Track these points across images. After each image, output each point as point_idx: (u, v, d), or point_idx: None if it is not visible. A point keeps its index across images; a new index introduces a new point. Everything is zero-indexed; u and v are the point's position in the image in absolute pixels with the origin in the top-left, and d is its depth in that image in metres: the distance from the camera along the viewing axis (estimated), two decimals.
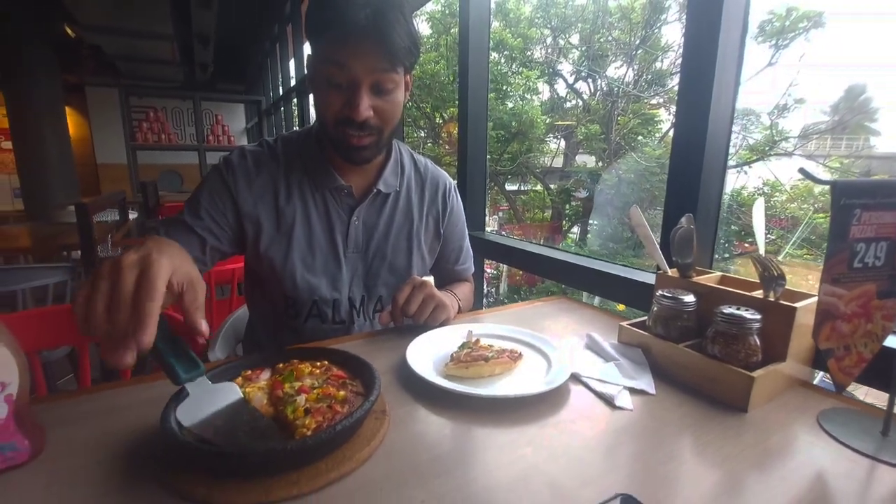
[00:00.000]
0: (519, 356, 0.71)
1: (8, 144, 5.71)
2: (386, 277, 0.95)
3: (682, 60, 0.94)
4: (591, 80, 6.14)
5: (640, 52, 5.51)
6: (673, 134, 0.96)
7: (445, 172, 1.07)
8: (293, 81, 4.98)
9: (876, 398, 0.69)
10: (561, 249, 1.43)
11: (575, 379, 0.69)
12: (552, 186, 6.51)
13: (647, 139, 5.55)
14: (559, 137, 6.60)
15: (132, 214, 3.75)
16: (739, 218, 4.06)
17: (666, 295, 0.74)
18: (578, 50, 6.18)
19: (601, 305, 1.31)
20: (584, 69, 6.02)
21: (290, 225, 0.89)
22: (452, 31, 6.11)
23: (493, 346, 0.74)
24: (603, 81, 6.02)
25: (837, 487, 0.48)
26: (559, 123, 6.41)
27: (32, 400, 0.58)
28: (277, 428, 0.50)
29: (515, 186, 6.93)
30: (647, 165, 4.88)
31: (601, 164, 5.83)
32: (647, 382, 0.67)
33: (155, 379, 0.68)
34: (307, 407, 0.51)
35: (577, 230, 6.32)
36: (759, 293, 0.70)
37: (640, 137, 5.58)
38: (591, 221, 5.77)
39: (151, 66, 5.92)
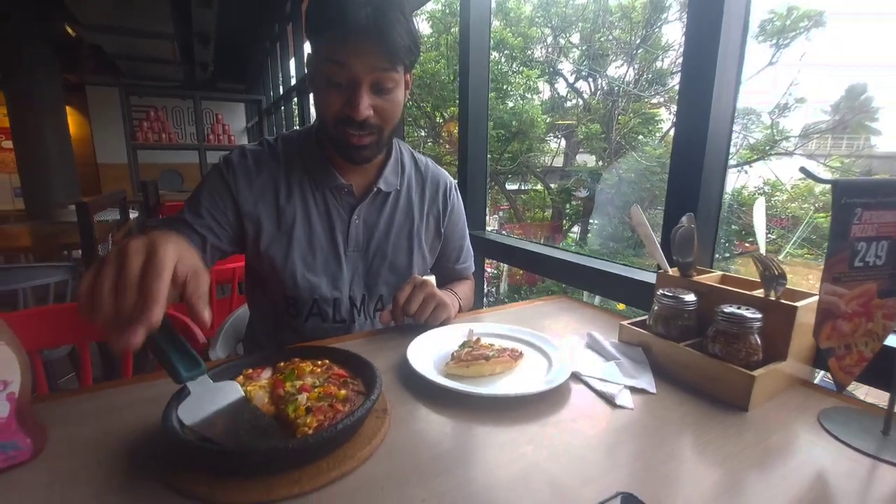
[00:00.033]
0: (520, 355, 0.72)
1: (8, 144, 5.72)
2: (386, 276, 0.95)
3: (682, 59, 0.94)
4: (591, 79, 6.14)
5: (640, 51, 5.50)
6: (674, 133, 0.96)
7: (446, 171, 1.07)
8: (293, 81, 4.98)
9: (876, 398, 0.69)
10: (561, 249, 1.43)
11: (576, 378, 0.69)
12: (552, 186, 6.51)
13: (647, 138, 5.54)
14: (559, 137, 6.59)
15: (133, 214, 3.75)
16: (740, 217, 4.06)
17: (667, 294, 0.74)
18: (579, 49, 6.17)
19: (602, 305, 1.31)
20: (584, 68, 6.01)
21: (290, 224, 0.89)
22: (453, 30, 6.11)
23: (493, 345, 0.74)
24: (603, 81, 6.01)
25: (838, 486, 0.48)
26: (560, 123, 6.40)
27: (34, 399, 0.58)
28: (279, 426, 0.50)
29: (516, 186, 6.92)
30: (647, 165, 4.87)
31: (601, 163, 5.82)
32: (647, 381, 0.68)
33: (156, 378, 0.68)
34: (308, 406, 0.51)
35: (577, 229, 6.31)
36: (759, 292, 0.70)
37: (640, 137, 5.58)
38: (591, 221, 5.76)
39: (152, 65, 5.93)
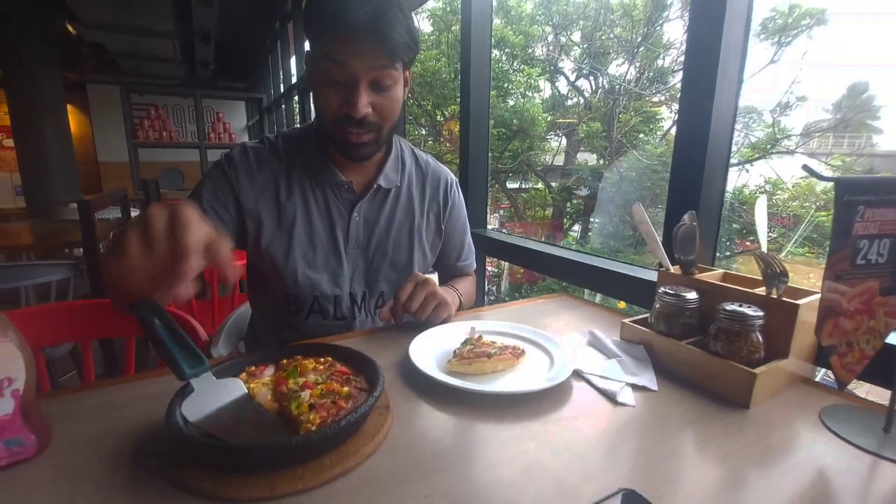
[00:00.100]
0: (521, 353, 0.72)
1: (9, 142, 5.72)
2: (387, 273, 0.96)
3: (684, 57, 0.94)
4: (592, 77, 6.13)
5: (641, 49, 5.49)
6: (675, 131, 0.96)
7: (447, 168, 1.07)
8: (294, 79, 4.97)
9: (877, 397, 0.69)
10: (562, 247, 1.43)
11: (577, 375, 0.70)
12: (553, 184, 6.50)
13: (648, 137, 5.53)
14: (560, 135, 6.58)
15: (134, 212, 3.75)
16: (741, 216, 4.06)
17: (668, 292, 0.74)
18: (580, 47, 6.16)
19: (603, 303, 1.31)
20: (585, 67, 6.00)
21: (290, 221, 0.89)
22: (454, 28, 6.09)
23: (495, 342, 0.74)
24: (604, 79, 6.00)
25: (839, 484, 0.48)
26: (560, 121, 6.39)
27: (37, 395, 0.58)
28: (282, 423, 0.51)
29: (517, 184, 6.91)
30: (648, 163, 4.87)
31: (602, 162, 5.82)
32: (649, 379, 0.68)
33: (158, 375, 0.69)
34: (311, 402, 0.51)
35: (578, 228, 6.30)
36: (761, 290, 0.70)
37: (641, 135, 5.57)
38: (592, 219, 5.76)
39: (153, 63, 5.92)
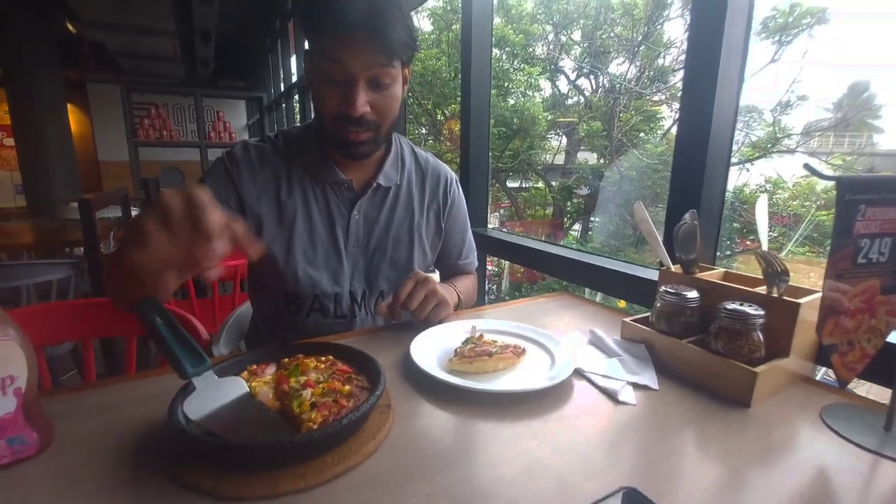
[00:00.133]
0: (522, 352, 0.72)
1: (10, 141, 5.72)
2: (387, 272, 0.96)
3: (685, 56, 0.94)
4: (592, 76, 6.11)
5: (642, 48, 5.48)
6: (677, 130, 0.96)
7: (447, 166, 1.07)
8: (294, 78, 4.97)
9: (876, 396, 0.69)
10: (563, 246, 1.43)
11: (578, 374, 0.70)
12: (554, 183, 6.49)
13: (648, 136, 5.53)
14: (561, 134, 6.57)
15: (134, 211, 3.75)
16: (741, 215, 4.05)
17: (669, 291, 0.74)
18: (580, 46, 6.15)
19: (604, 302, 1.31)
20: (586, 66, 5.99)
21: (291, 219, 0.89)
22: (454, 27, 6.08)
23: (496, 341, 0.74)
24: (605, 78, 5.99)
25: (840, 482, 0.48)
26: (561, 120, 6.38)
27: (39, 394, 0.58)
28: (283, 422, 0.51)
29: (517, 183, 6.91)
30: (648, 162, 4.86)
31: (603, 161, 5.81)
32: (649, 378, 0.68)
33: (159, 373, 0.69)
34: (313, 401, 0.51)
35: (578, 227, 6.30)
36: (762, 289, 0.70)
37: (641, 134, 5.56)
38: (592, 218, 5.76)
39: (153, 62, 5.91)
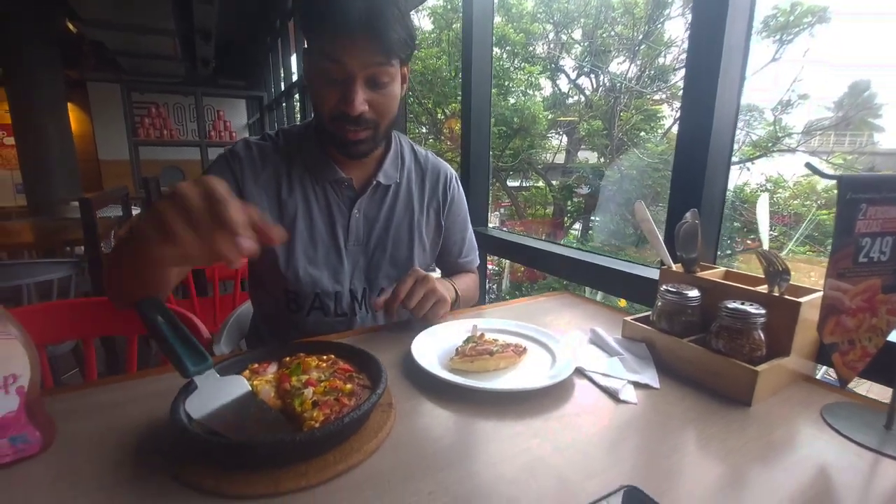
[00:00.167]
0: (523, 350, 0.72)
1: (10, 140, 5.72)
2: (387, 270, 0.96)
3: (686, 55, 0.94)
4: (593, 75, 6.11)
5: (642, 47, 5.47)
6: (678, 129, 0.96)
7: (446, 163, 1.07)
8: (295, 77, 4.96)
9: (877, 396, 0.69)
10: (563, 245, 1.43)
11: (579, 373, 0.70)
12: (554, 183, 6.49)
13: (649, 135, 5.52)
14: (561, 133, 6.57)
15: (135, 210, 3.75)
16: (742, 214, 4.05)
17: (670, 290, 0.74)
18: (581, 45, 6.14)
19: (604, 301, 1.31)
20: (586, 65, 5.99)
21: (292, 218, 0.89)
22: (454, 26, 6.08)
23: (497, 340, 0.74)
24: (605, 77, 5.99)
25: (841, 480, 0.48)
26: (561, 119, 6.38)
27: (41, 393, 0.58)
28: (285, 420, 0.51)
29: (517, 183, 6.90)
30: (649, 161, 4.86)
31: (603, 160, 5.81)
32: (650, 377, 0.68)
33: (161, 372, 0.69)
34: (315, 400, 0.51)
35: (578, 226, 6.30)
36: (763, 288, 0.70)
37: (642, 133, 5.56)
38: (592, 218, 5.75)
39: (153, 61, 5.91)
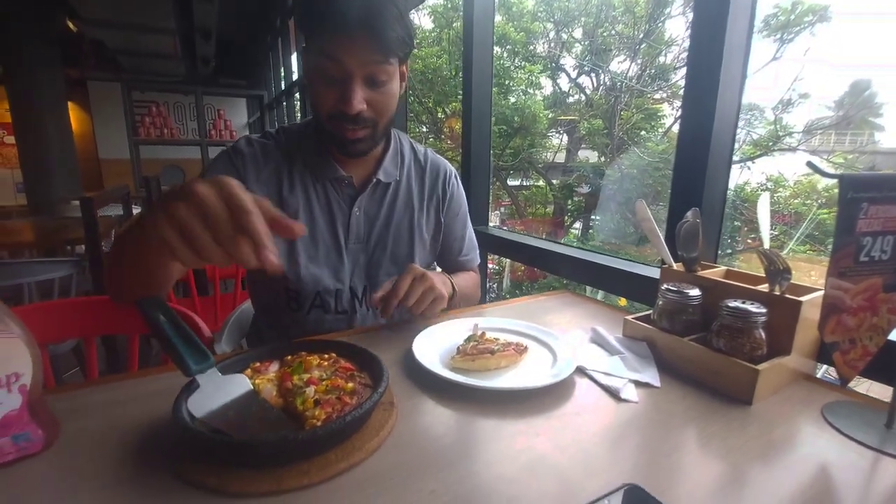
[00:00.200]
0: (524, 349, 0.72)
1: (11, 139, 5.72)
2: (388, 267, 0.96)
3: (688, 54, 0.94)
4: (594, 74, 6.10)
5: (643, 46, 5.47)
6: (679, 128, 0.96)
7: (445, 160, 1.06)
8: (295, 76, 4.96)
9: (877, 394, 0.69)
10: (564, 244, 1.43)
11: (580, 372, 0.70)
12: (554, 182, 6.48)
13: (650, 134, 5.52)
14: (562, 132, 6.56)
15: (136, 209, 3.76)
16: (742, 213, 4.05)
17: (671, 289, 0.74)
18: (581, 44, 6.13)
19: (605, 300, 1.31)
20: (587, 63, 5.98)
21: (293, 216, 0.89)
22: (455, 24, 6.07)
23: (498, 339, 0.74)
24: (606, 76, 5.98)
25: (841, 479, 0.48)
26: (562, 118, 6.37)
27: (43, 391, 0.59)
28: (287, 419, 0.51)
29: (518, 182, 6.90)
30: (650, 160, 4.86)
31: (604, 159, 5.80)
32: (651, 375, 0.68)
33: (161, 371, 0.69)
34: (317, 398, 0.51)
35: (579, 225, 6.30)
36: (764, 287, 0.70)
37: (643, 132, 5.55)
38: (593, 217, 5.75)
39: (153, 60, 5.90)
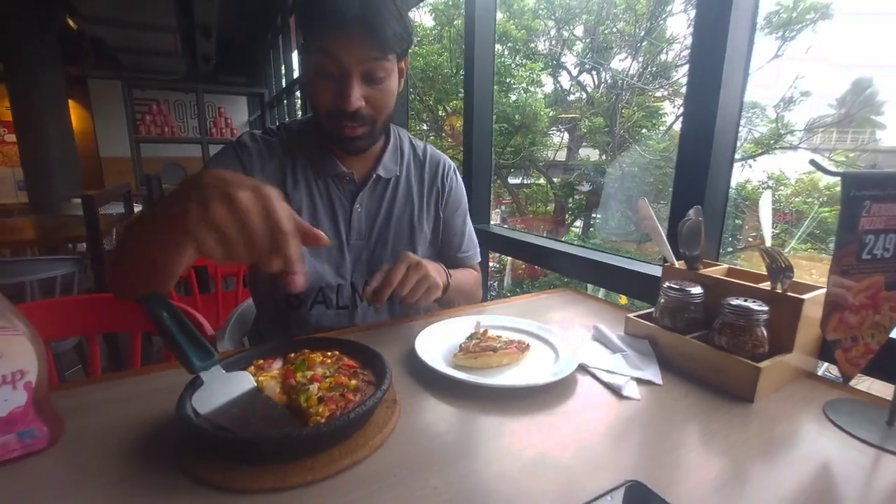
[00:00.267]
0: (527, 347, 0.72)
1: (11, 137, 5.72)
2: (389, 263, 0.96)
3: (690, 52, 0.94)
4: (595, 72, 6.09)
5: (644, 44, 5.45)
6: (681, 126, 0.96)
7: (444, 154, 1.06)
8: (296, 73, 4.95)
9: (879, 392, 0.69)
10: (565, 242, 1.43)
11: (582, 369, 0.70)
12: (555, 180, 6.48)
13: (651, 132, 5.51)
14: (563, 130, 6.55)
15: (137, 207, 3.76)
16: (744, 212, 4.04)
17: (673, 287, 0.74)
18: (583, 42, 6.12)
19: (606, 298, 1.31)
20: (588, 61, 5.97)
21: (296, 212, 0.88)
22: (456, 22, 6.06)
23: (501, 337, 0.74)
24: (607, 74, 5.97)
25: (843, 476, 0.49)
26: (563, 116, 6.36)
27: (47, 388, 0.59)
28: (291, 416, 0.51)
29: (518, 180, 6.90)
30: (651, 159, 4.85)
31: (605, 157, 5.80)
32: (653, 373, 0.68)
33: (164, 368, 0.69)
34: (320, 395, 0.51)
35: (580, 224, 6.29)
36: (766, 285, 0.70)
37: (644, 130, 5.54)
38: (594, 215, 5.75)
39: (154, 58, 5.89)
